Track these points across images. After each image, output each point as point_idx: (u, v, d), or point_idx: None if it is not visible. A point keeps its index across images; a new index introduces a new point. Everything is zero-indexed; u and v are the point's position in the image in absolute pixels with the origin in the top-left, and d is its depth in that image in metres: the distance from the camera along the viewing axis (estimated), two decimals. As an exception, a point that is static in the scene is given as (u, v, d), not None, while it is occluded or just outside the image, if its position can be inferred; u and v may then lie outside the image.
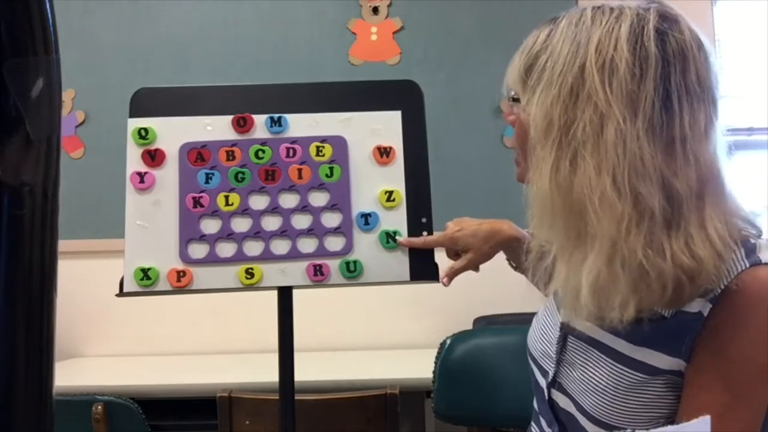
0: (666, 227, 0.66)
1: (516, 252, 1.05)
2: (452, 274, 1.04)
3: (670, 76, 0.67)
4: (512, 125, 0.84)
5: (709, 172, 0.68)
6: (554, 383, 0.84)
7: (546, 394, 0.85)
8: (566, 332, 0.83)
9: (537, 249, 0.78)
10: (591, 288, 0.67)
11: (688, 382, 0.70)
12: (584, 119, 0.67)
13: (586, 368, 0.78)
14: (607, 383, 0.74)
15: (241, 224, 1.05)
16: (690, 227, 0.66)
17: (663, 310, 0.69)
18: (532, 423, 0.93)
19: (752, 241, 0.69)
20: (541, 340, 0.88)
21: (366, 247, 1.06)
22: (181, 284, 1.03)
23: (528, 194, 0.75)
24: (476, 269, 1.06)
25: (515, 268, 1.09)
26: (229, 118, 1.08)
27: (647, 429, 0.72)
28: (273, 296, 1.08)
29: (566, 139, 0.69)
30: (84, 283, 2.25)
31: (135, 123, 1.07)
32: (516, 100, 0.79)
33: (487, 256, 1.04)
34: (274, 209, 1.06)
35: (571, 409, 0.80)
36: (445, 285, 1.03)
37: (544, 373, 0.86)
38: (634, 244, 0.65)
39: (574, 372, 0.80)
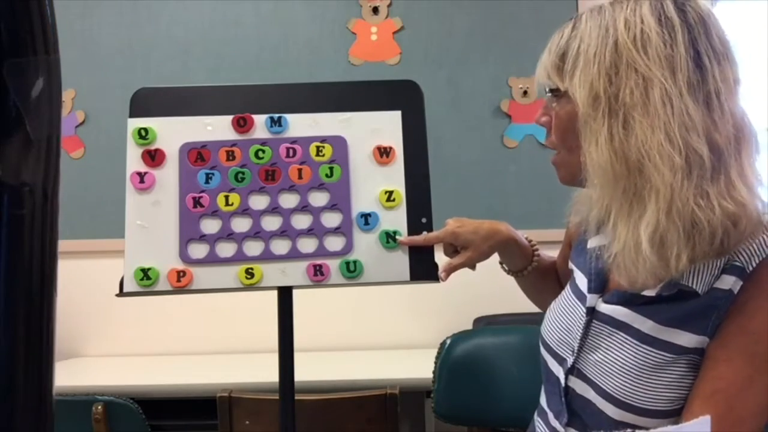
0: (711, 177, 0.70)
1: (510, 254, 1.07)
2: (450, 270, 1.04)
3: (697, 38, 0.73)
4: (545, 126, 0.87)
5: (742, 124, 0.74)
6: (573, 370, 0.84)
7: (563, 381, 0.85)
8: (591, 317, 0.84)
9: (595, 220, 0.82)
10: (650, 239, 0.70)
11: (709, 356, 0.72)
12: (629, 85, 0.73)
13: (609, 351, 0.79)
14: (633, 364, 0.76)
15: (241, 224, 1.05)
16: (731, 175, 0.71)
17: (702, 275, 0.72)
18: (536, 417, 0.93)
19: None
20: (559, 329, 0.89)
21: (366, 247, 1.06)
22: (181, 284, 1.03)
23: (586, 168, 0.77)
24: (473, 267, 1.06)
25: (508, 272, 1.11)
26: (229, 118, 1.08)
27: (669, 411, 0.73)
28: (273, 296, 1.08)
29: (615, 107, 0.74)
30: (84, 283, 2.25)
31: (135, 123, 1.07)
32: (554, 91, 0.83)
33: (485, 255, 1.05)
34: (274, 209, 1.06)
35: (590, 394, 0.81)
36: (442, 280, 1.03)
37: (561, 361, 0.86)
38: (686, 195, 0.69)
39: (596, 355, 0.81)
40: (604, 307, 0.82)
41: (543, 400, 0.92)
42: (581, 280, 0.89)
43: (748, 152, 0.73)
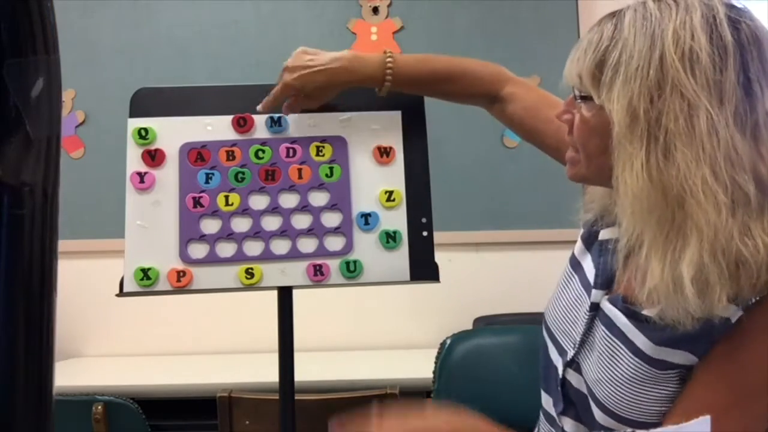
0: (757, 213, 0.66)
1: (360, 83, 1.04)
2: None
3: (749, 62, 0.68)
4: (566, 123, 0.82)
5: None
6: (572, 363, 0.84)
7: (560, 372, 0.85)
8: (595, 314, 0.83)
9: (625, 248, 0.75)
10: (694, 280, 0.65)
11: (695, 376, 0.71)
12: (674, 110, 0.67)
13: (603, 356, 0.78)
14: (624, 375, 0.75)
15: (241, 224, 1.05)
16: None
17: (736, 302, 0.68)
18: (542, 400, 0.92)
19: None
20: (564, 319, 0.88)
21: (366, 247, 1.06)
22: (181, 284, 1.03)
23: (617, 192, 0.73)
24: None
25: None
26: (229, 118, 1.08)
27: (653, 424, 0.73)
28: (273, 296, 1.08)
29: (656, 132, 0.68)
30: (84, 283, 2.25)
31: (135, 123, 1.07)
32: (585, 98, 0.77)
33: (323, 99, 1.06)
34: (274, 209, 1.06)
35: (584, 389, 0.81)
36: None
37: (562, 352, 0.86)
38: (731, 232, 0.65)
39: (593, 356, 0.80)
40: (608, 308, 0.80)
41: (542, 383, 0.92)
42: (590, 271, 0.87)
43: None
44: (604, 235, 0.87)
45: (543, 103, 1.04)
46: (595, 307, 0.83)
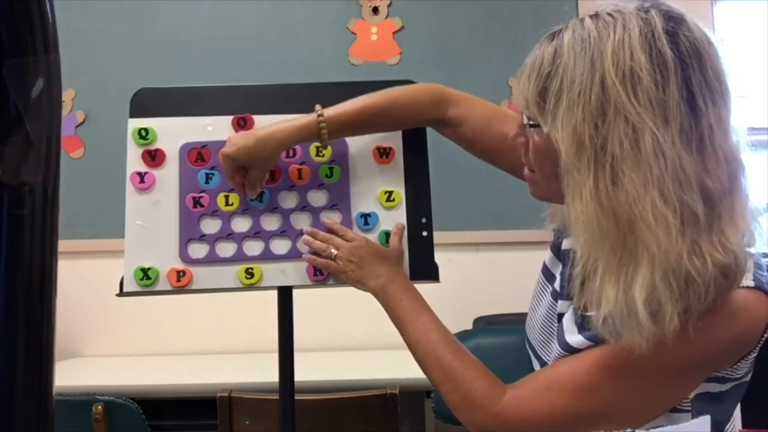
0: (705, 230, 0.66)
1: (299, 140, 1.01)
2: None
3: (691, 76, 0.66)
4: (521, 147, 0.81)
5: (735, 165, 0.68)
6: None
7: None
8: (561, 324, 0.83)
9: (580, 274, 0.75)
10: (646, 303, 0.65)
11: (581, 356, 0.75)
12: (618, 135, 0.66)
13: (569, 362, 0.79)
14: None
15: (241, 224, 1.05)
16: (723, 225, 0.66)
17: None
18: None
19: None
20: (542, 331, 0.88)
21: (366, 247, 1.05)
22: (181, 284, 1.03)
23: (569, 219, 0.73)
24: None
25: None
26: (229, 118, 1.08)
27: (646, 428, 0.73)
28: (273, 296, 1.08)
29: (602, 158, 0.67)
30: (84, 283, 2.25)
31: (135, 123, 1.07)
32: (534, 126, 0.76)
33: (269, 165, 1.02)
34: (274, 209, 1.06)
35: None
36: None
37: (543, 364, 0.86)
38: (680, 252, 0.65)
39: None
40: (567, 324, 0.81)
41: None
42: (557, 282, 0.88)
43: (740, 195, 0.68)
44: (566, 244, 0.87)
45: (492, 119, 1.03)
46: (560, 318, 0.83)
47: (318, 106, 1.00)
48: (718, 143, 0.67)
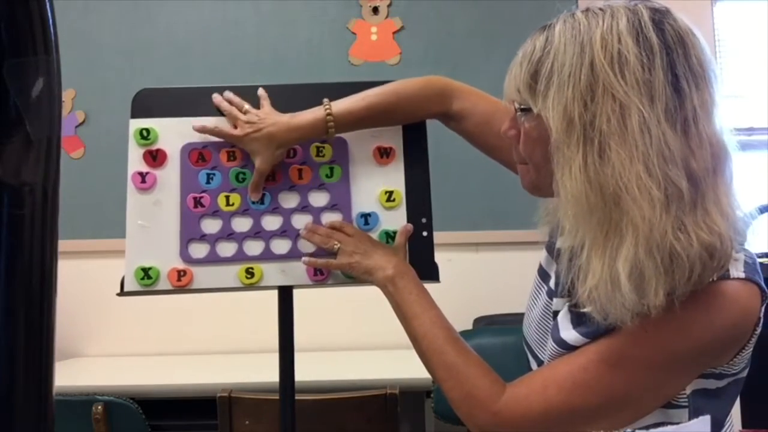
0: (690, 207, 0.68)
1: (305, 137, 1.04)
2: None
3: (675, 61, 0.70)
4: (512, 140, 0.83)
5: (719, 148, 0.70)
6: None
7: None
8: (556, 322, 0.83)
9: (568, 251, 0.78)
10: (630, 276, 0.67)
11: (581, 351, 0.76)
12: (606, 112, 0.69)
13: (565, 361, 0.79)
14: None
15: (241, 224, 1.05)
16: (707, 204, 0.68)
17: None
18: None
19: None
20: (537, 329, 0.89)
21: (366, 247, 1.05)
22: (181, 284, 1.03)
23: (559, 197, 0.74)
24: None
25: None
26: (230, 118, 1.08)
27: (646, 428, 0.73)
28: (273, 296, 1.08)
29: (590, 135, 0.70)
30: (84, 283, 2.25)
31: (137, 123, 1.07)
32: (524, 110, 0.78)
33: (272, 160, 1.04)
34: (274, 209, 1.06)
35: None
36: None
37: (540, 363, 0.87)
38: (665, 228, 0.67)
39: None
40: (563, 322, 0.81)
41: None
42: (552, 281, 0.89)
43: (724, 179, 0.71)
44: (559, 243, 0.88)
45: (494, 116, 1.04)
46: (555, 315, 0.84)
47: (326, 100, 1.02)
48: (702, 125, 0.69)
